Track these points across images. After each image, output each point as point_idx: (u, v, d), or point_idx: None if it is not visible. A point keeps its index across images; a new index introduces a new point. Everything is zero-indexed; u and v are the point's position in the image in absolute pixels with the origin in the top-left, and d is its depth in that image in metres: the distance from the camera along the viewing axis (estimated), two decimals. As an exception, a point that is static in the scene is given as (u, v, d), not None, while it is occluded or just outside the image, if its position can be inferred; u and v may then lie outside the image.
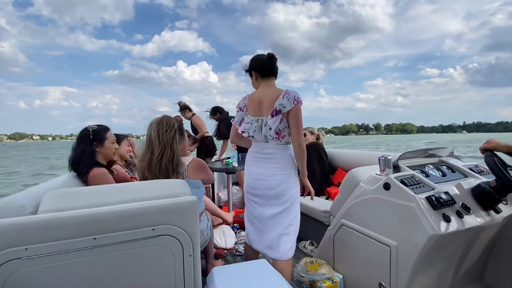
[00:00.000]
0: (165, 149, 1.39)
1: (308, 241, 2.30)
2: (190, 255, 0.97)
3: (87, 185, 1.45)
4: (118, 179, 1.62)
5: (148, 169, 1.39)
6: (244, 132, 1.55)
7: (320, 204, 2.23)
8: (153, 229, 0.89)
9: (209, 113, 3.67)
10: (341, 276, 1.61)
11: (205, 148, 3.71)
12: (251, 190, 1.62)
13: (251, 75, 1.61)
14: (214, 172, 3.32)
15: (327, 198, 2.55)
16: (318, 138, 2.97)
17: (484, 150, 1.31)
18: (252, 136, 1.54)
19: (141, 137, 2.37)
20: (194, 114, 3.81)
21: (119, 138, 2.01)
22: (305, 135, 2.72)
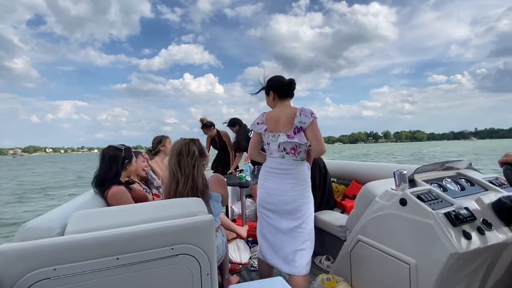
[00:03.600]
0: (188, 179, 1.46)
1: (324, 256, 2.26)
2: (208, 274, 0.99)
3: (106, 202, 1.52)
4: (136, 197, 1.68)
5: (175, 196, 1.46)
6: (267, 150, 1.65)
7: (335, 218, 2.20)
8: (172, 249, 0.92)
9: (227, 125, 3.58)
10: (359, 294, 1.57)
11: (224, 162, 3.74)
12: (266, 205, 1.65)
13: (267, 94, 1.68)
14: (228, 186, 3.35)
15: (342, 212, 2.51)
16: None
17: (503, 163, 1.27)
18: (271, 152, 1.62)
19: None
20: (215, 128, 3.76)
21: (135, 154, 2.10)
22: None
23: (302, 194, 1.56)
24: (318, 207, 2.38)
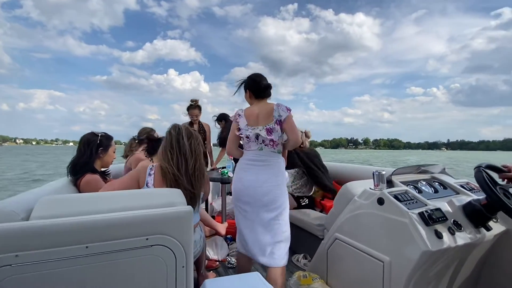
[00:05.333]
0: (196, 161, 1.42)
1: (302, 255, 2.28)
2: (183, 266, 0.96)
3: (79, 191, 1.44)
4: (112, 187, 1.61)
5: (183, 175, 1.38)
6: (246, 143, 1.68)
7: (314, 217, 2.23)
8: (147, 239, 0.89)
9: (215, 119, 3.54)
10: (334, 291, 1.59)
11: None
12: (243, 198, 1.66)
13: (245, 90, 1.75)
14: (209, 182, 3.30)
15: (321, 211, 2.55)
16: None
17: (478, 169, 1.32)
18: (250, 145, 1.67)
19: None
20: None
21: None
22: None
23: (279, 185, 1.61)
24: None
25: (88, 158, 1.52)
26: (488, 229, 1.32)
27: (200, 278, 1.73)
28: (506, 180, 1.39)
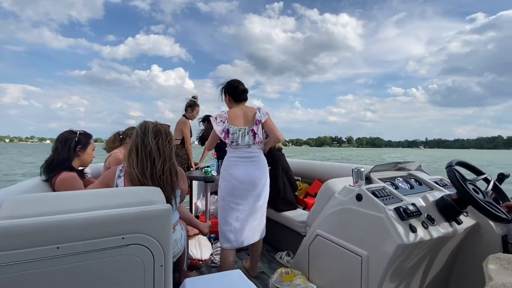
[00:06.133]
0: (166, 161, 1.35)
1: (285, 252, 2.31)
2: (161, 266, 0.94)
3: (54, 190, 1.38)
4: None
5: (148, 178, 1.32)
6: (233, 141, 1.80)
7: (297, 214, 2.26)
8: (123, 238, 0.86)
9: (201, 120, 3.58)
10: (315, 287, 1.62)
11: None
12: (235, 192, 1.79)
13: (225, 95, 1.93)
14: (193, 181, 3.27)
15: (304, 209, 2.58)
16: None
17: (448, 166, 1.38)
18: (237, 143, 1.80)
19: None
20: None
21: None
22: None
23: (265, 177, 1.87)
24: (279, 205, 2.41)
25: (66, 157, 1.47)
26: (459, 222, 1.39)
27: (182, 277, 1.71)
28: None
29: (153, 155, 1.32)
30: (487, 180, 1.40)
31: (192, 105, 3.35)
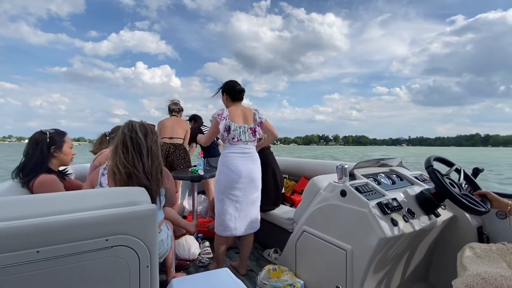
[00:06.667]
0: (153, 158, 1.35)
1: (272, 249, 2.33)
2: (147, 266, 0.93)
3: (32, 193, 1.33)
4: (71, 188, 1.51)
5: (140, 172, 1.30)
6: (234, 137, 1.92)
7: (284, 211, 2.28)
8: (107, 240, 0.85)
9: (187, 119, 3.64)
10: (302, 282, 1.65)
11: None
12: (235, 185, 1.90)
13: (223, 94, 2.06)
14: (180, 181, 3.24)
15: (291, 206, 2.62)
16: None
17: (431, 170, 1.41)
18: (238, 140, 1.93)
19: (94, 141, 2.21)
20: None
21: None
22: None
23: (260, 171, 2.01)
24: (269, 204, 2.43)
25: (39, 159, 1.41)
26: (437, 215, 1.46)
27: (168, 278, 1.70)
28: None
29: (142, 152, 1.32)
30: (457, 171, 1.47)
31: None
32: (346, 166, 1.53)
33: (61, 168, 1.59)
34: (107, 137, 2.14)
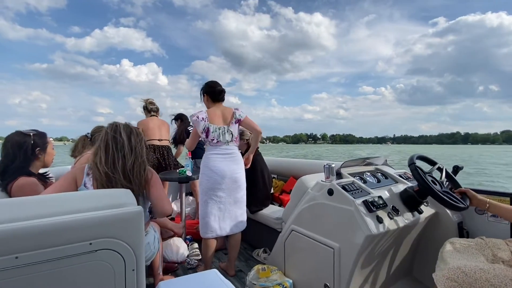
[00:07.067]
0: (137, 158, 1.31)
1: (262, 249, 2.33)
2: (133, 270, 0.91)
3: (10, 197, 1.28)
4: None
5: (119, 173, 1.26)
6: (213, 139, 1.90)
7: (273, 211, 2.29)
8: (90, 244, 0.82)
9: (172, 119, 3.49)
10: (291, 281, 1.66)
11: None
12: (217, 186, 1.89)
13: (203, 95, 2.04)
14: (167, 182, 3.19)
15: (280, 205, 2.63)
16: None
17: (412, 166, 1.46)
18: (218, 141, 1.90)
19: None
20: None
21: None
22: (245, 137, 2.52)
23: (243, 170, 2.01)
24: (258, 204, 2.43)
25: (23, 162, 1.36)
26: (420, 212, 1.51)
27: (156, 281, 1.67)
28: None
29: (124, 151, 1.28)
30: (439, 169, 1.52)
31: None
32: (333, 165, 1.55)
33: (41, 170, 1.53)
34: (89, 139, 2.04)
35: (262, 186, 2.48)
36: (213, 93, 1.98)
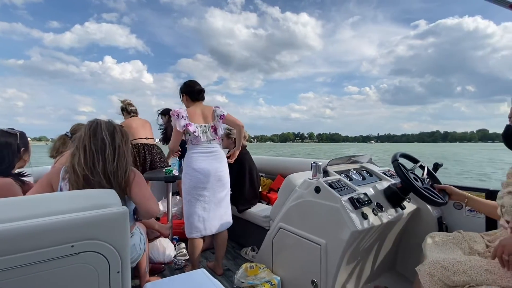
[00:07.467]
0: (120, 160, 1.24)
1: (250, 247, 2.34)
2: (118, 272, 0.89)
3: None
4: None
5: (100, 174, 1.19)
6: (194, 138, 1.88)
7: (261, 209, 2.30)
8: (72, 246, 0.80)
9: (159, 114, 3.32)
10: (279, 278, 1.68)
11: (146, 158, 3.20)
12: (200, 185, 1.87)
13: (182, 95, 2.02)
14: (153, 182, 3.13)
15: (268, 204, 2.64)
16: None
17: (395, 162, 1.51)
18: (199, 140, 1.88)
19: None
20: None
21: None
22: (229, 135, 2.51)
23: (226, 169, 1.99)
24: (245, 203, 2.43)
25: (10, 163, 1.31)
26: (403, 208, 1.56)
27: (142, 283, 1.64)
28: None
29: (106, 151, 1.21)
30: (422, 167, 1.58)
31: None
32: (320, 163, 1.58)
33: (17, 170, 1.47)
34: (69, 138, 1.94)
35: (249, 184, 2.48)
36: (192, 92, 1.96)
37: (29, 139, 1.53)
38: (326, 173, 1.67)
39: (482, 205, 1.31)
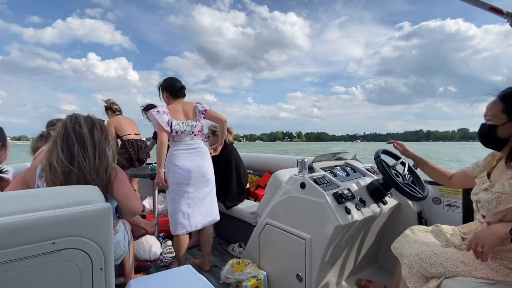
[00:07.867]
0: (100, 154, 1.19)
1: (237, 244, 2.35)
2: (101, 269, 0.88)
3: None
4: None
5: (82, 169, 1.14)
6: (176, 135, 1.86)
7: (248, 206, 2.32)
8: (53, 243, 0.78)
9: (143, 110, 3.23)
10: (265, 273, 1.70)
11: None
12: (184, 181, 1.86)
13: (162, 92, 1.99)
14: (139, 179, 3.09)
15: (255, 200, 2.66)
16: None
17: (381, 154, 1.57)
18: (181, 136, 1.87)
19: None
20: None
21: None
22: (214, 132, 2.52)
23: (210, 165, 1.99)
24: (233, 200, 2.44)
25: None
26: (385, 203, 1.61)
27: (127, 280, 1.62)
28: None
29: (85, 147, 1.16)
30: (403, 164, 1.64)
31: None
32: (306, 160, 1.61)
33: None
34: (42, 137, 1.86)
35: (236, 181, 2.49)
36: (173, 89, 1.94)
37: (8, 138, 1.47)
38: (311, 169, 1.70)
39: (430, 168, 1.44)
